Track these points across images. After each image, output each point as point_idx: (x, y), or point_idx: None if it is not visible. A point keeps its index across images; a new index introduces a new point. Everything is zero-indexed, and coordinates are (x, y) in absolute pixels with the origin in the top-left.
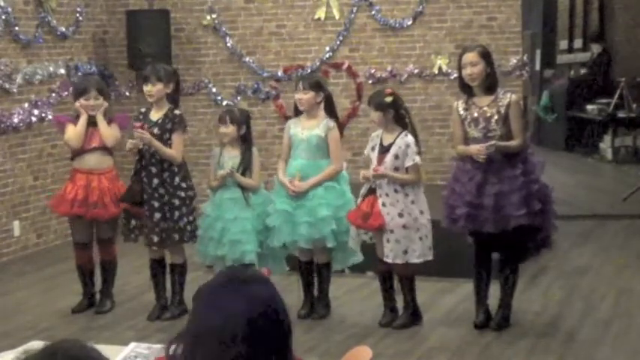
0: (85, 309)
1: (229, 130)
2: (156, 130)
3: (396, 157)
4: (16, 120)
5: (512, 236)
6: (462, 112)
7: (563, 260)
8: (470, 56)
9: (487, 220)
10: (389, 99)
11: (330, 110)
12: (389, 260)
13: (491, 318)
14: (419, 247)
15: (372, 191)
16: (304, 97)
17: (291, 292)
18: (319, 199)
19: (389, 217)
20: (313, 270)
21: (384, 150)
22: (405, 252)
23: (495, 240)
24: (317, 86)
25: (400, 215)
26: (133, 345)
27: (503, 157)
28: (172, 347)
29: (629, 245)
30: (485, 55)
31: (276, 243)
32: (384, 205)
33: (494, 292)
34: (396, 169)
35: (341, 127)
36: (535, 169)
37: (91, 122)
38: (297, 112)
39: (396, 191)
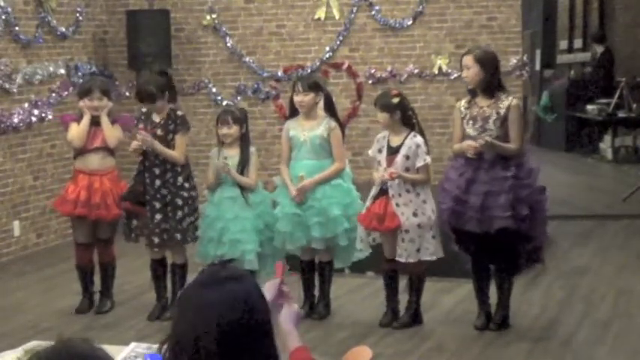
0: (88, 309)
1: (233, 130)
2: (159, 132)
3: (407, 157)
4: (16, 120)
5: (499, 242)
6: (463, 110)
7: (563, 260)
8: (466, 59)
9: (471, 219)
10: (395, 100)
11: (331, 110)
12: (402, 260)
13: (491, 320)
14: (432, 245)
15: (382, 193)
16: (305, 99)
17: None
18: (329, 199)
19: (404, 217)
20: (314, 269)
21: (393, 151)
22: (418, 250)
23: (486, 248)
24: (316, 87)
25: (415, 215)
26: (133, 345)
27: (497, 158)
28: (164, 348)
29: (629, 245)
30: (482, 60)
31: (289, 247)
32: (397, 205)
33: (492, 293)
34: (407, 169)
35: (342, 127)
36: (528, 175)
37: (94, 122)
38: (293, 113)
39: (407, 191)
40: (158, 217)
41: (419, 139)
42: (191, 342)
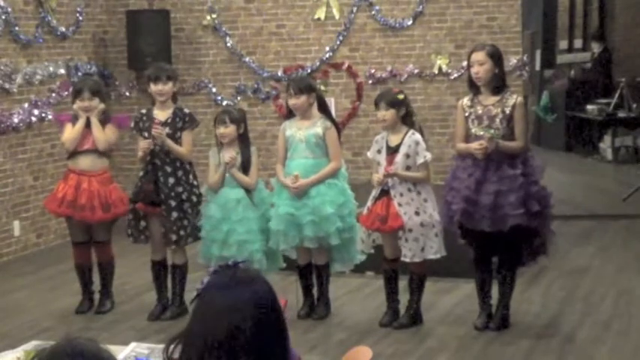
0: (88, 309)
1: (229, 130)
2: (167, 129)
3: (407, 156)
4: (16, 120)
5: (508, 238)
6: (466, 109)
7: (563, 260)
8: (477, 55)
9: (484, 218)
10: (401, 96)
11: (325, 111)
12: (407, 260)
13: (491, 320)
14: (435, 244)
15: (384, 193)
16: (298, 101)
17: (291, 292)
18: (322, 197)
19: (406, 217)
20: (312, 272)
21: (393, 151)
22: (422, 249)
23: (492, 242)
24: (308, 89)
25: (417, 214)
26: (133, 345)
27: (504, 157)
28: (171, 348)
29: (629, 245)
30: (494, 56)
31: (282, 246)
32: (400, 205)
33: (494, 292)
34: (408, 168)
35: (337, 127)
36: (535, 171)
37: (87, 124)
38: (291, 114)
39: (409, 190)
40: (175, 214)
41: (417, 136)
42: (205, 345)
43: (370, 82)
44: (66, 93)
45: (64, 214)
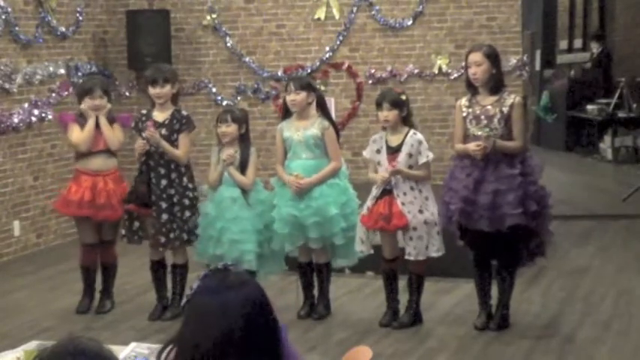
0: (88, 309)
1: (231, 129)
2: (164, 131)
3: (410, 155)
4: (16, 120)
5: (506, 238)
6: (464, 109)
7: (563, 260)
8: (474, 56)
9: (482, 218)
10: (404, 97)
11: (324, 111)
12: (411, 258)
13: (491, 320)
14: (437, 242)
15: (385, 192)
16: (297, 97)
17: (291, 292)
18: (325, 198)
19: (410, 215)
20: (313, 270)
21: (394, 151)
22: (426, 247)
23: (490, 243)
24: (308, 87)
25: (420, 212)
26: (133, 345)
27: (502, 157)
28: (164, 353)
29: (629, 245)
30: (491, 56)
31: (288, 248)
32: (403, 204)
33: (494, 292)
34: (410, 167)
35: (335, 127)
36: (533, 171)
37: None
38: (286, 114)
39: (412, 189)
40: (165, 217)
41: (419, 136)
42: (197, 349)
43: (370, 82)
44: (66, 93)
45: (84, 216)
